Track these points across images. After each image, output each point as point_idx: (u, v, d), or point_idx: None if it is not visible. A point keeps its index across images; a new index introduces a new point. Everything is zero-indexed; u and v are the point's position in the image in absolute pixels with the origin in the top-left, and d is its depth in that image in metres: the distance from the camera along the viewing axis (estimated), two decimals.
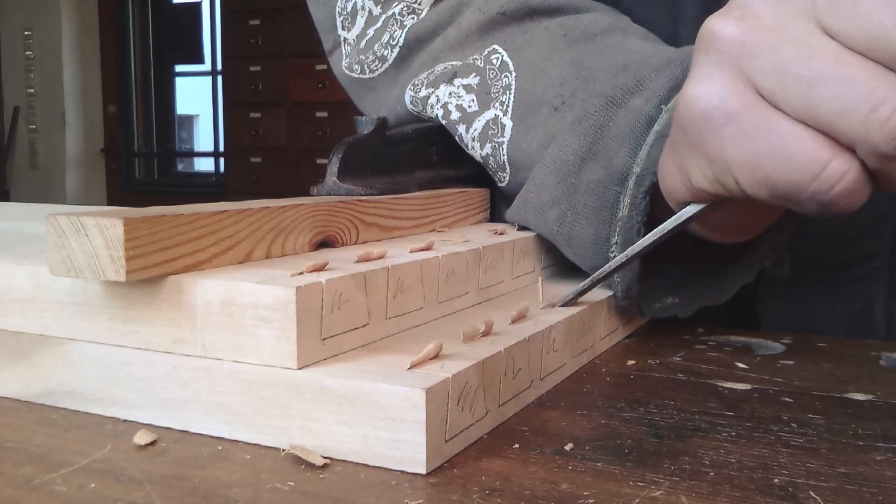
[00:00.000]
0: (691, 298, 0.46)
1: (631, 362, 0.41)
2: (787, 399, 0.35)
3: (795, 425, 0.32)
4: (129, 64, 4.82)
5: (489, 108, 0.50)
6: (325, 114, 3.97)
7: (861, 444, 0.30)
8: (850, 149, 0.30)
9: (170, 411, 0.31)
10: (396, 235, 0.45)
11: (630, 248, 0.40)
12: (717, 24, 0.33)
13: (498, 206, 0.59)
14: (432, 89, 0.53)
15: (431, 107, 0.53)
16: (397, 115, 0.57)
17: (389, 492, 0.26)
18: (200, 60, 4.79)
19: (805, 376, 0.39)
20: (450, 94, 0.52)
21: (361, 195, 0.44)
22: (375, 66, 0.57)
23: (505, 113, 0.49)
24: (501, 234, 0.46)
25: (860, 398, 0.36)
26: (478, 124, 0.50)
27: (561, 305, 0.41)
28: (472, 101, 0.51)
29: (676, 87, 0.42)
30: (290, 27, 3.98)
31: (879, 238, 0.53)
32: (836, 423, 0.32)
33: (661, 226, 0.38)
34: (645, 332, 0.48)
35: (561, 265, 0.51)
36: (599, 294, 0.44)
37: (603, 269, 0.41)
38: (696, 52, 0.34)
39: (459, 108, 0.51)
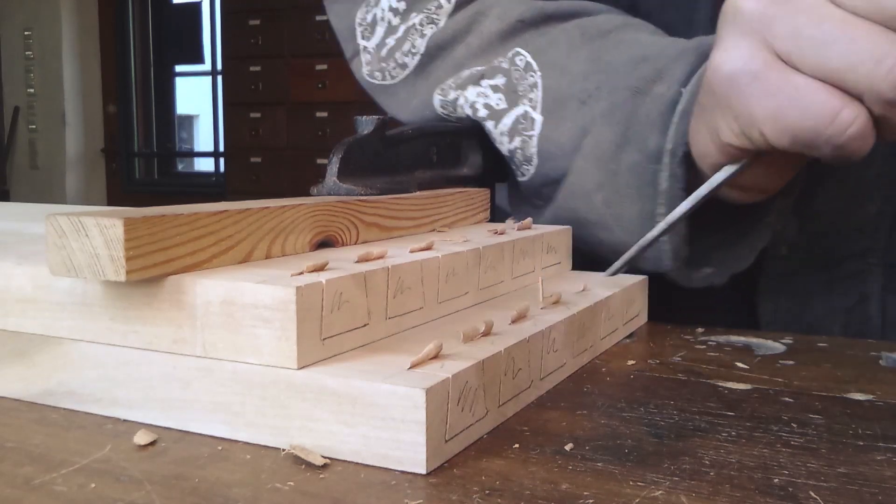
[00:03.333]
0: (723, 266, 0.51)
1: (631, 362, 0.41)
2: (787, 399, 0.35)
3: (795, 425, 0.32)
4: (129, 64, 4.82)
5: (518, 105, 0.54)
6: (325, 114, 3.97)
7: (861, 444, 0.30)
8: (858, 99, 0.35)
9: (170, 411, 0.31)
10: (396, 235, 0.45)
11: (670, 215, 0.45)
12: (740, 0, 0.38)
13: (497, 206, 0.60)
14: (460, 91, 0.56)
15: (461, 107, 0.56)
16: (423, 118, 0.60)
17: (389, 492, 0.26)
18: (200, 60, 4.79)
19: (805, 376, 0.39)
20: (477, 94, 0.55)
21: (361, 195, 0.44)
22: (396, 72, 0.60)
23: (535, 108, 0.53)
24: (501, 234, 0.46)
25: (860, 398, 0.36)
26: (507, 120, 0.54)
27: (608, 275, 0.46)
28: (500, 99, 0.54)
29: (693, 72, 0.47)
30: (290, 27, 3.98)
31: (875, 234, 0.54)
32: (836, 423, 0.32)
33: (696, 192, 0.43)
34: (645, 332, 0.48)
35: (561, 265, 0.51)
36: (600, 294, 0.44)
37: (647, 236, 0.45)
38: (721, 25, 0.39)
39: (487, 105, 0.55)
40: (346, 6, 0.63)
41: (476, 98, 0.55)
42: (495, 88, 0.55)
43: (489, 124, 0.55)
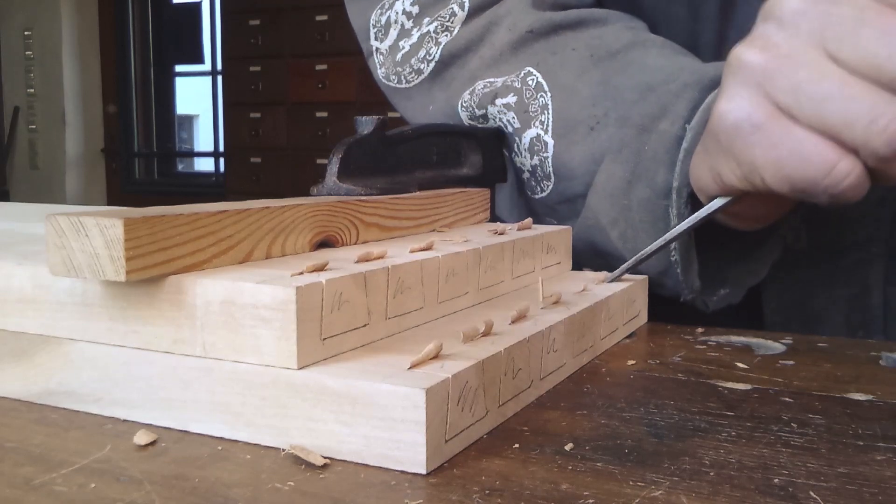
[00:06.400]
0: (737, 284, 0.53)
1: (631, 362, 0.41)
2: (787, 399, 0.35)
3: (795, 425, 0.32)
4: (129, 64, 4.82)
5: (531, 127, 0.55)
6: (325, 114, 3.96)
7: (861, 444, 0.30)
8: (853, 151, 0.37)
9: (170, 411, 0.31)
10: (396, 235, 0.45)
11: (666, 235, 0.47)
12: (744, 53, 0.39)
13: (502, 206, 0.61)
14: (484, 109, 0.58)
15: (489, 122, 0.58)
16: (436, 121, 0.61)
17: (389, 492, 0.26)
18: (200, 60, 4.79)
19: (805, 376, 0.39)
20: (497, 111, 0.57)
21: (361, 195, 0.44)
22: (412, 77, 0.62)
23: (546, 132, 0.54)
24: (501, 234, 0.46)
25: (860, 398, 0.36)
26: (525, 139, 0.56)
27: (609, 281, 0.48)
28: (513, 118, 0.56)
29: (695, 107, 0.48)
30: (290, 27, 3.98)
31: (878, 223, 0.55)
32: (836, 423, 0.32)
33: (693, 215, 0.46)
34: (645, 332, 0.48)
35: (561, 265, 0.51)
36: (600, 294, 0.44)
37: (645, 250, 0.47)
38: (726, 76, 0.41)
39: (505, 124, 0.57)
40: (362, 6, 0.64)
41: (497, 114, 0.57)
42: (508, 107, 0.56)
43: (515, 140, 0.57)
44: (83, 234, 0.29)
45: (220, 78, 4.49)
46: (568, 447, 0.29)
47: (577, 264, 0.53)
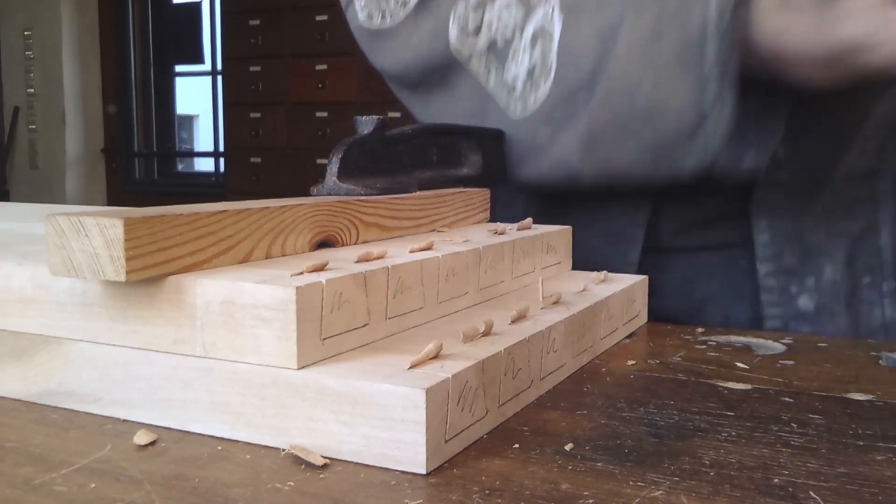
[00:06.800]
0: (763, 147, 0.49)
1: (631, 362, 0.41)
2: (787, 399, 0.35)
3: (795, 425, 0.32)
4: (129, 64, 4.82)
5: (538, 8, 0.52)
6: (325, 114, 3.96)
7: (861, 444, 0.30)
8: None
9: (170, 411, 0.31)
10: (396, 235, 0.45)
11: None
12: None
13: (498, 204, 0.60)
14: (481, 11, 0.54)
15: (482, 32, 0.55)
16: (425, 55, 0.58)
17: (389, 492, 0.26)
18: (200, 60, 4.79)
19: (805, 376, 0.39)
20: (496, 13, 0.54)
21: (361, 195, 0.44)
22: (397, 11, 0.58)
23: (553, 9, 0.51)
24: (501, 234, 0.46)
25: (860, 398, 0.36)
26: (528, 33, 0.52)
27: None
28: (517, 8, 0.52)
29: None
30: (290, 27, 3.98)
31: (881, 153, 0.52)
32: (836, 423, 0.32)
33: None
34: (645, 332, 0.48)
35: (561, 265, 0.51)
36: (600, 294, 0.44)
37: None
38: None
39: (503, 27, 0.53)
40: None
41: (497, 19, 0.54)
42: (508, 4, 0.53)
43: (513, 43, 0.53)
44: (83, 234, 0.29)
45: (220, 78, 4.49)
46: (568, 447, 0.29)
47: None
